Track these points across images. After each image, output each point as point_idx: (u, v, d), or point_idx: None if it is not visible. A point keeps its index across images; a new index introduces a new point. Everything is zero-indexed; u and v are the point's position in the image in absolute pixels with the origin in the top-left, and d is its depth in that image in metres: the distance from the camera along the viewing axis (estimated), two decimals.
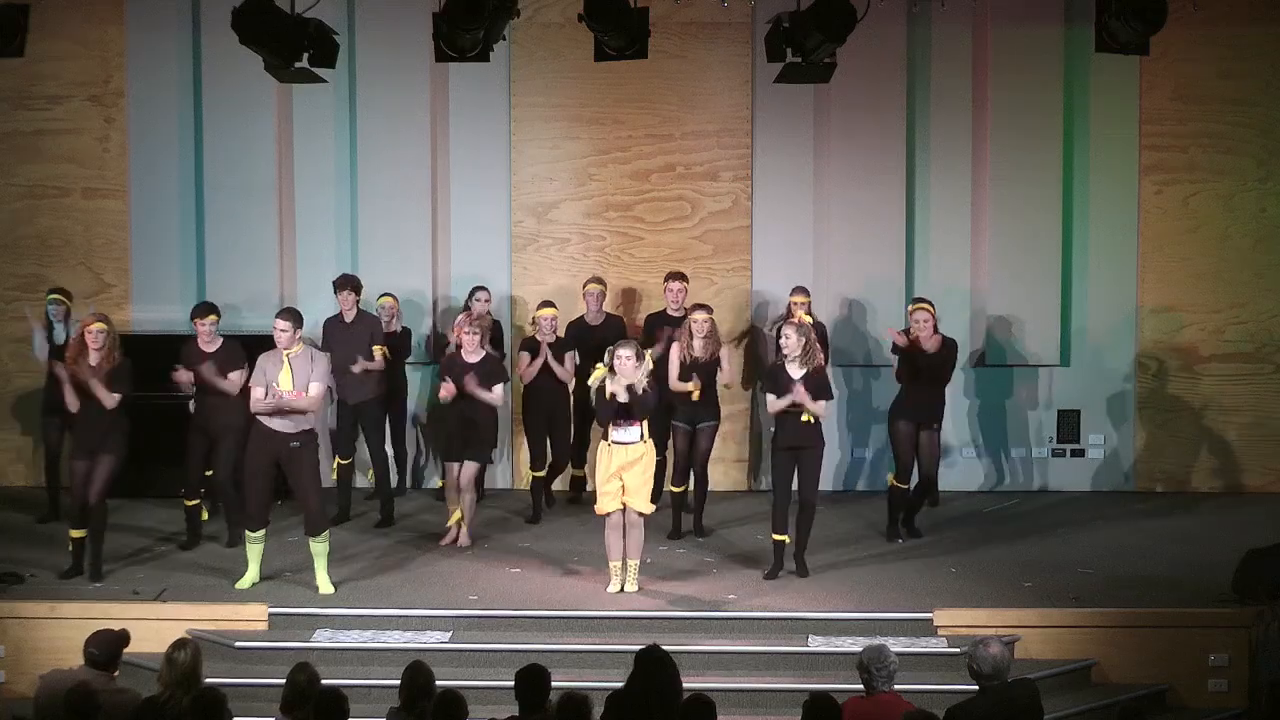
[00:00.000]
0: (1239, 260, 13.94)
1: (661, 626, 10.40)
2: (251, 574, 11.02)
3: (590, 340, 12.92)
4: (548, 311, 12.78)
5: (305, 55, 10.91)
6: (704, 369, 12.12)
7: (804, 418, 11.05)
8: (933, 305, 12.32)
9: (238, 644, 10.30)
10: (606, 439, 10.85)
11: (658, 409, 11.26)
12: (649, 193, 14.00)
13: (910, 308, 12.60)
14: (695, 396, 12.00)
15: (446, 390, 11.79)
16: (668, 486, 12.44)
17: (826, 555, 11.79)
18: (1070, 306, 13.96)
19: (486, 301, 13.04)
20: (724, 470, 13.81)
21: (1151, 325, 13.98)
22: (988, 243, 13.90)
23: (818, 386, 11.09)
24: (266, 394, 10.85)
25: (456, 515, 12.04)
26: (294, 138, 13.94)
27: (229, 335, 12.17)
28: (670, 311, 12.90)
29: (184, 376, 11.84)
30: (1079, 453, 14.03)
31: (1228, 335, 13.99)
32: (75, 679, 7.80)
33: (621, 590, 10.90)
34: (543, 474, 12.97)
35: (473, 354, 11.93)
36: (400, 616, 10.59)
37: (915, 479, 12.32)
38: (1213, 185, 13.90)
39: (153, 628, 9.60)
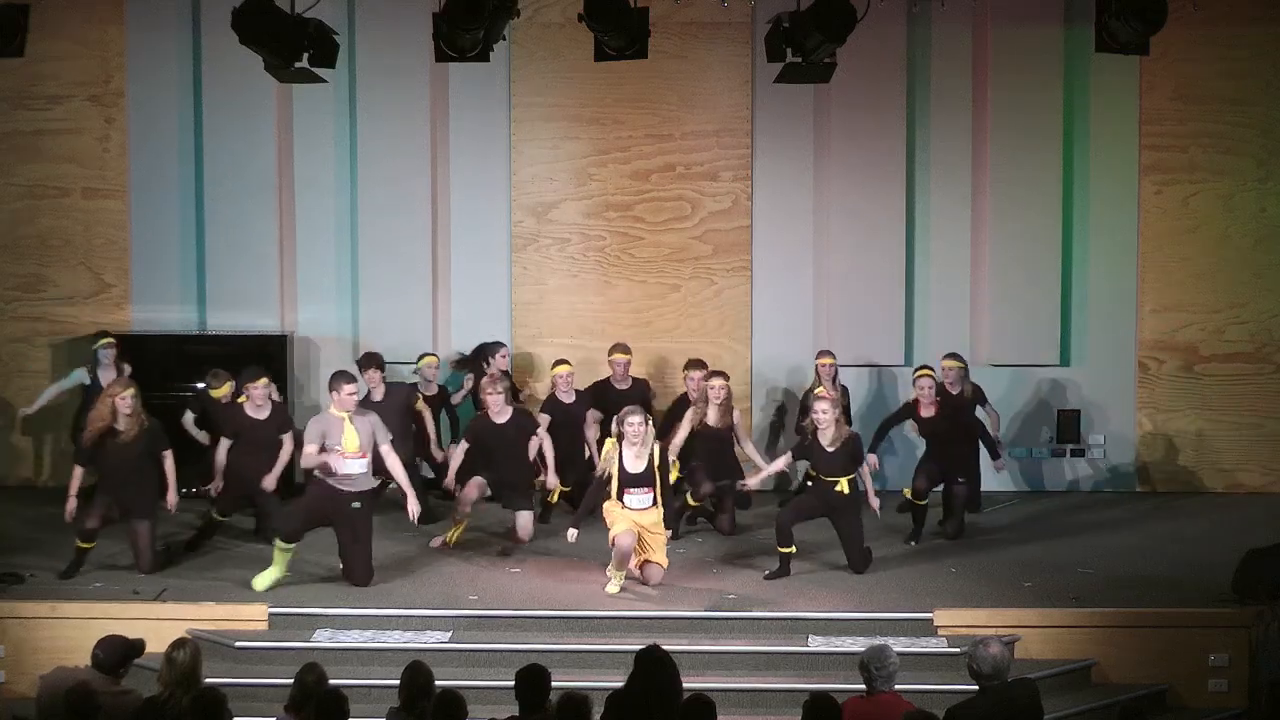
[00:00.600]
0: (1239, 260, 13.94)
1: (661, 626, 10.40)
2: (273, 574, 10.96)
3: (619, 405, 12.65)
4: (563, 369, 12.70)
5: (305, 55, 10.92)
6: (716, 437, 12.14)
7: (838, 488, 11.16)
8: (934, 371, 12.38)
9: (238, 644, 10.30)
10: (619, 503, 10.90)
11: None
12: (649, 193, 14.00)
13: (914, 376, 12.60)
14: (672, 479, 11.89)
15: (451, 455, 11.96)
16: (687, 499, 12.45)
17: (827, 555, 11.79)
18: (1070, 306, 13.96)
19: (504, 357, 13.09)
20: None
21: (1151, 325, 13.99)
22: (988, 243, 13.90)
23: (853, 454, 11.24)
24: (322, 452, 10.78)
25: (460, 530, 12.02)
26: (294, 138, 13.94)
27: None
28: (691, 397, 12.73)
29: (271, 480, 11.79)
30: (1079, 453, 14.03)
31: (1228, 335, 13.99)
32: (77, 678, 7.80)
33: (622, 591, 10.91)
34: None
35: (500, 414, 11.86)
36: (400, 616, 10.58)
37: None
38: (1213, 185, 13.90)
39: (153, 628, 9.58)
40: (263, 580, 10.92)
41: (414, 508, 11.11)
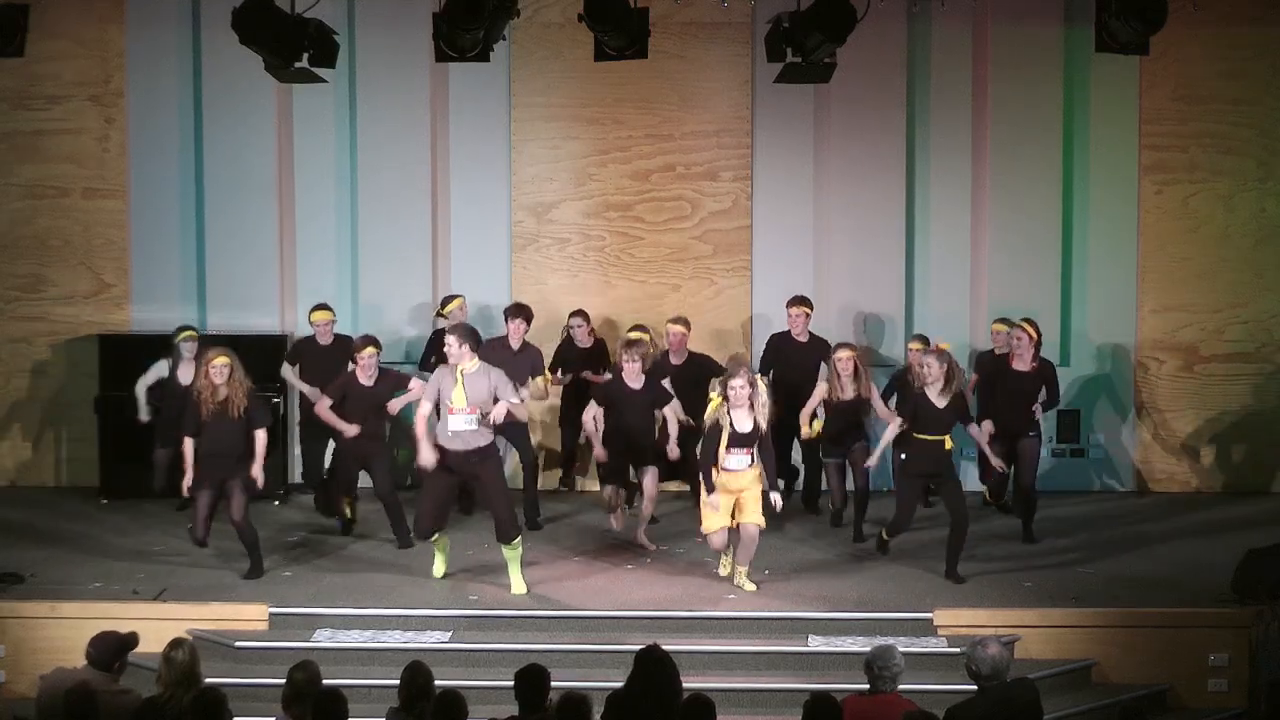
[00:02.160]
0: (1239, 260, 13.94)
1: (661, 626, 10.40)
2: (440, 565, 11.18)
3: (673, 378, 12.59)
4: (642, 335, 12.40)
5: (305, 55, 10.92)
6: (851, 409, 12.08)
7: (947, 444, 11.13)
8: (1035, 326, 12.31)
9: (238, 644, 10.30)
10: (717, 465, 10.83)
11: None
12: (649, 193, 14.00)
13: (1000, 327, 12.71)
14: (814, 434, 12.10)
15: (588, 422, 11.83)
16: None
17: (827, 555, 11.80)
18: (1070, 306, 13.96)
19: (581, 326, 13.04)
20: None
21: (1151, 325, 13.99)
22: (988, 242, 13.90)
23: (959, 412, 11.19)
24: (438, 411, 10.78)
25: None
26: (294, 137, 13.95)
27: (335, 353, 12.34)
28: (795, 335, 12.85)
29: (348, 429, 11.83)
30: (1079, 453, 14.03)
31: (1228, 335, 13.99)
32: (77, 678, 7.80)
33: (735, 584, 11.01)
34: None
35: (635, 380, 11.77)
36: (400, 616, 10.58)
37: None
38: (1213, 185, 13.90)
39: (153, 628, 9.57)
40: (438, 569, 11.12)
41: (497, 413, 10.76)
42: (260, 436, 11.11)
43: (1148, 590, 10.94)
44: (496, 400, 10.74)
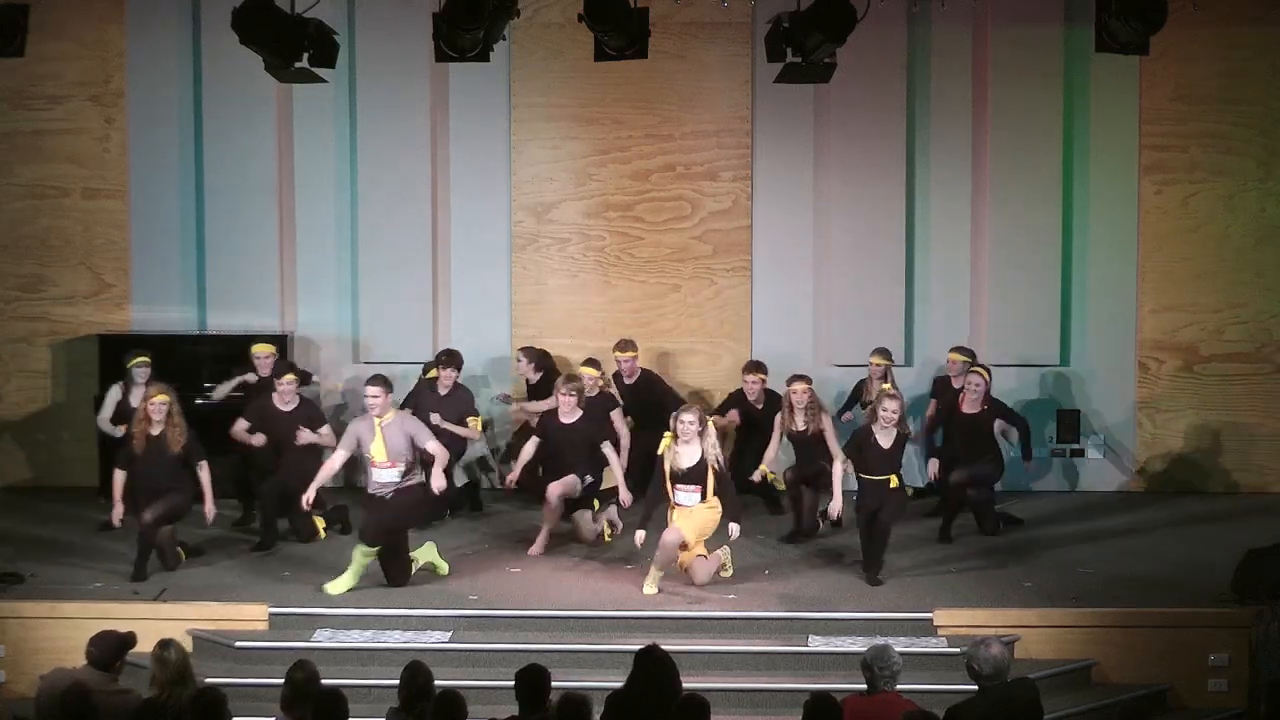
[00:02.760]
0: (1239, 260, 13.94)
1: (661, 626, 10.40)
2: (349, 580, 10.95)
3: (629, 398, 12.90)
4: (590, 372, 12.57)
5: (305, 55, 10.90)
6: (808, 441, 12.03)
7: (892, 484, 11.14)
8: (987, 370, 12.41)
9: (238, 644, 10.30)
10: (670, 502, 10.90)
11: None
12: (649, 193, 14.00)
13: (957, 357, 12.68)
14: (768, 476, 12.07)
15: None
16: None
17: (828, 555, 11.80)
18: (1070, 306, 13.96)
19: (529, 363, 13.12)
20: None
21: (1151, 325, 13.98)
22: (988, 242, 13.90)
23: (903, 451, 11.33)
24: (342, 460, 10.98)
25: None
26: (294, 138, 13.94)
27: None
28: (751, 400, 12.83)
29: (255, 440, 11.97)
30: (1079, 453, 14.03)
31: (1228, 335, 13.99)
32: (76, 678, 7.79)
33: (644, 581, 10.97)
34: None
35: (570, 415, 11.83)
36: (400, 616, 10.58)
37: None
38: (1213, 185, 13.90)
39: (153, 628, 9.57)
40: (338, 585, 10.89)
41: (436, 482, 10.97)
42: (205, 473, 11.21)
43: (1148, 590, 10.94)
44: (416, 447, 10.89)
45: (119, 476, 11.23)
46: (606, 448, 11.83)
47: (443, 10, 10.36)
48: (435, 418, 12.13)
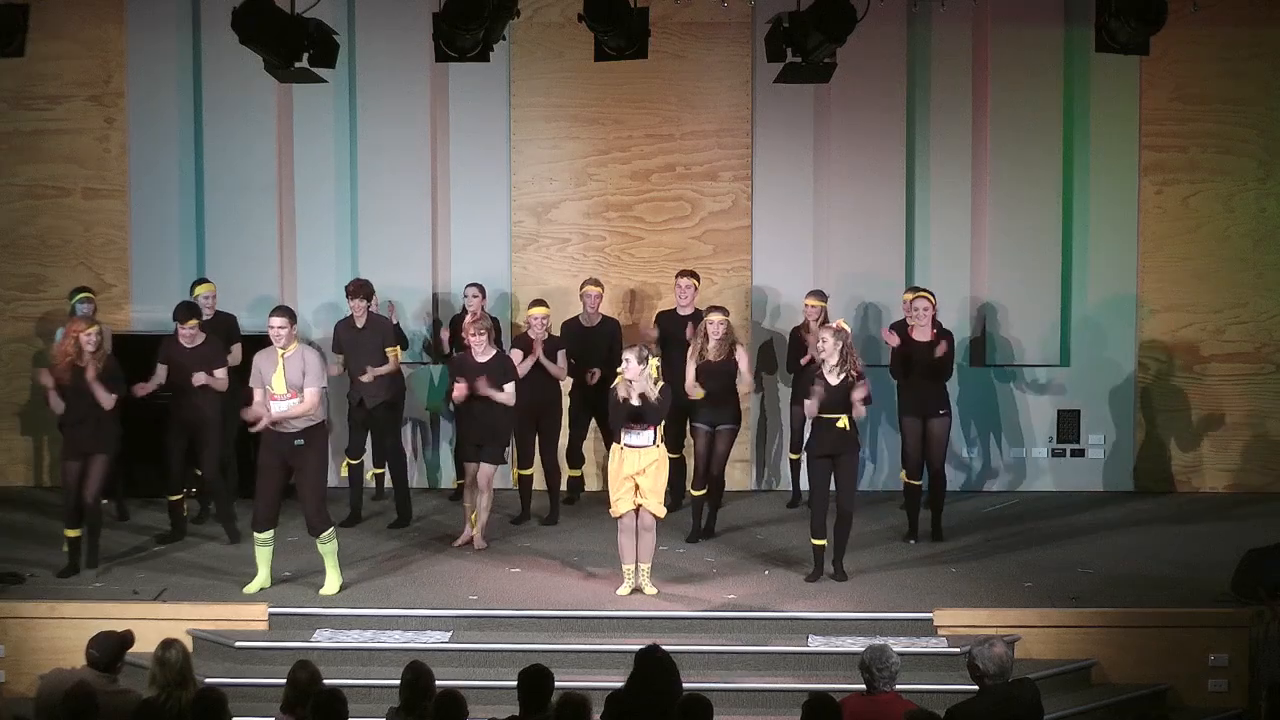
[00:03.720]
0: (1239, 260, 13.94)
1: (661, 626, 10.40)
2: (261, 578, 10.96)
3: (586, 341, 12.94)
4: (538, 310, 12.65)
5: (305, 55, 10.90)
6: (719, 371, 12.05)
7: (839, 424, 11.01)
8: (933, 295, 12.30)
9: (238, 644, 10.31)
10: (619, 443, 10.83)
11: (674, 412, 11.30)
12: (649, 193, 14.00)
13: (909, 296, 12.54)
14: (698, 396, 11.96)
15: (459, 391, 11.80)
16: (689, 489, 12.47)
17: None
18: (1070, 306, 13.96)
19: (475, 297, 12.91)
20: (727, 471, 13.78)
21: (1151, 325, 13.98)
22: (988, 242, 13.90)
23: (854, 391, 11.03)
24: (264, 395, 10.81)
25: (475, 518, 12.02)
26: (294, 137, 13.94)
27: (209, 329, 12.18)
28: (680, 310, 12.90)
29: (157, 379, 11.94)
30: (1079, 453, 14.03)
31: (1228, 335, 13.99)
32: (76, 679, 7.79)
33: (633, 593, 10.88)
34: (529, 472, 12.81)
35: (483, 354, 11.87)
36: (400, 616, 10.59)
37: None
38: (1213, 185, 13.90)
39: (153, 628, 9.58)
40: (253, 586, 10.91)
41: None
42: (106, 396, 11.11)
43: (1148, 590, 10.94)
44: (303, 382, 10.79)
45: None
46: (509, 387, 11.81)
47: (443, 10, 10.36)
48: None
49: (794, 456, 13.23)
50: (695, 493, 12.30)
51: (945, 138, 13.82)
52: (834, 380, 11.01)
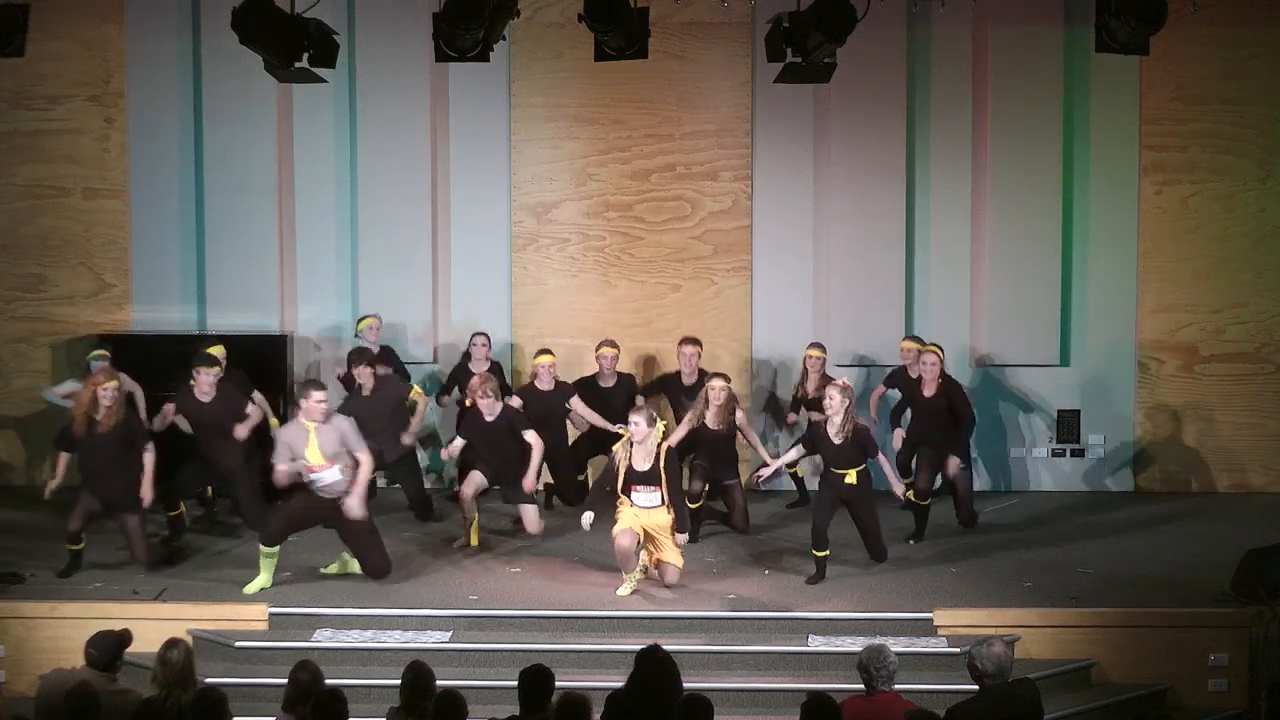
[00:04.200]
0: (1239, 260, 13.94)
1: (661, 626, 10.40)
2: (262, 580, 10.96)
3: (605, 402, 12.82)
4: (545, 359, 12.59)
5: (305, 55, 10.90)
6: (719, 438, 12.07)
7: (848, 480, 11.08)
8: (941, 349, 12.36)
9: (238, 644, 10.30)
10: (627, 499, 10.87)
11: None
12: (649, 193, 14.00)
13: (910, 345, 12.59)
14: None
15: (450, 451, 11.92)
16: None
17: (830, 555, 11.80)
18: (1070, 306, 13.96)
19: (483, 346, 12.99)
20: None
21: (1151, 325, 13.99)
22: (987, 243, 13.90)
23: (862, 446, 11.12)
24: (298, 468, 10.79)
25: (475, 528, 12.04)
26: (294, 138, 13.95)
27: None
28: (685, 379, 12.84)
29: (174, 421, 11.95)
30: (1079, 453, 14.03)
31: (1228, 335, 13.99)
32: (76, 679, 7.79)
33: (633, 593, 10.90)
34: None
35: (490, 413, 11.84)
36: (400, 616, 10.59)
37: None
38: (1213, 185, 13.90)
39: (153, 628, 9.59)
40: (251, 586, 10.90)
41: (353, 506, 10.88)
42: (150, 456, 11.15)
43: (1148, 590, 10.94)
44: (347, 450, 10.88)
45: (62, 458, 11.30)
46: (530, 435, 11.82)
47: (443, 10, 10.36)
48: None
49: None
50: (693, 505, 12.22)
51: (945, 137, 13.82)
52: (838, 439, 11.08)
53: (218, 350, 12.44)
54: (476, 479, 11.91)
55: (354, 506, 10.81)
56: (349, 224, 14.02)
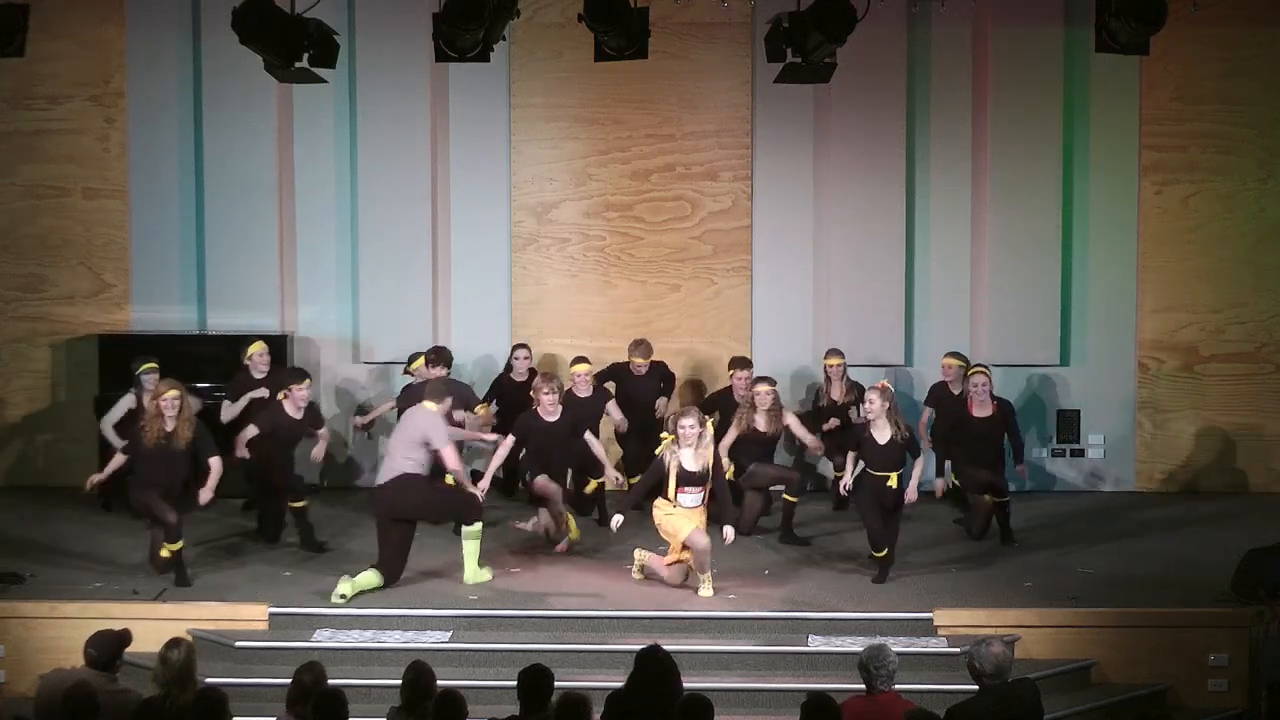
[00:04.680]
0: (1239, 260, 13.94)
1: (661, 626, 10.40)
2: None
3: (638, 389, 13.03)
4: (582, 368, 12.61)
5: (305, 55, 10.90)
6: (767, 441, 12.19)
7: (890, 483, 11.05)
8: (988, 368, 12.40)
9: (238, 644, 10.30)
10: (670, 500, 10.88)
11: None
12: (649, 193, 14.00)
13: (952, 362, 12.73)
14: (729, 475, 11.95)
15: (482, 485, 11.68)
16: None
17: (828, 555, 11.80)
18: (1070, 306, 13.96)
19: (526, 359, 13.07)
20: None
21: (1151, 325, 13.98)
22: (988, 242, 13.90)
23: (908, 447, 11.16)
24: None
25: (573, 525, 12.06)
26: (294, 137, 13.95)
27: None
28: (737, 397, 12.81)
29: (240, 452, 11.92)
30: (1079, 453, 14.03)
31: (1228, 335, 13.99)
32: (75, 679, 7.79)
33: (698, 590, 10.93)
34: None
35: (551, 413, 11.84)
36: (400, 616, 10.58)
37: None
38: (1213, 185, 13.90)
39: (153, 628, 9.59)
40: (347, 586, 10.82)
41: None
42: (216, 465, 11.18)
43: (1148, 590, 10.94)
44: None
45: (118, 459, 11.27)
46: (588, 437, 11.92)
47: (443, 10, 10.36)
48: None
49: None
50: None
51: (945, 137, 13.82)
52: (882, 439, 11.07)
53: (259, 347, 12.62)
54: (549, 483, 11.82)
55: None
56: (349, 224, 14.02)
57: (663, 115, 13.93)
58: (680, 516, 10.87)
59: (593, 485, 12.49)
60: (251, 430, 11.91)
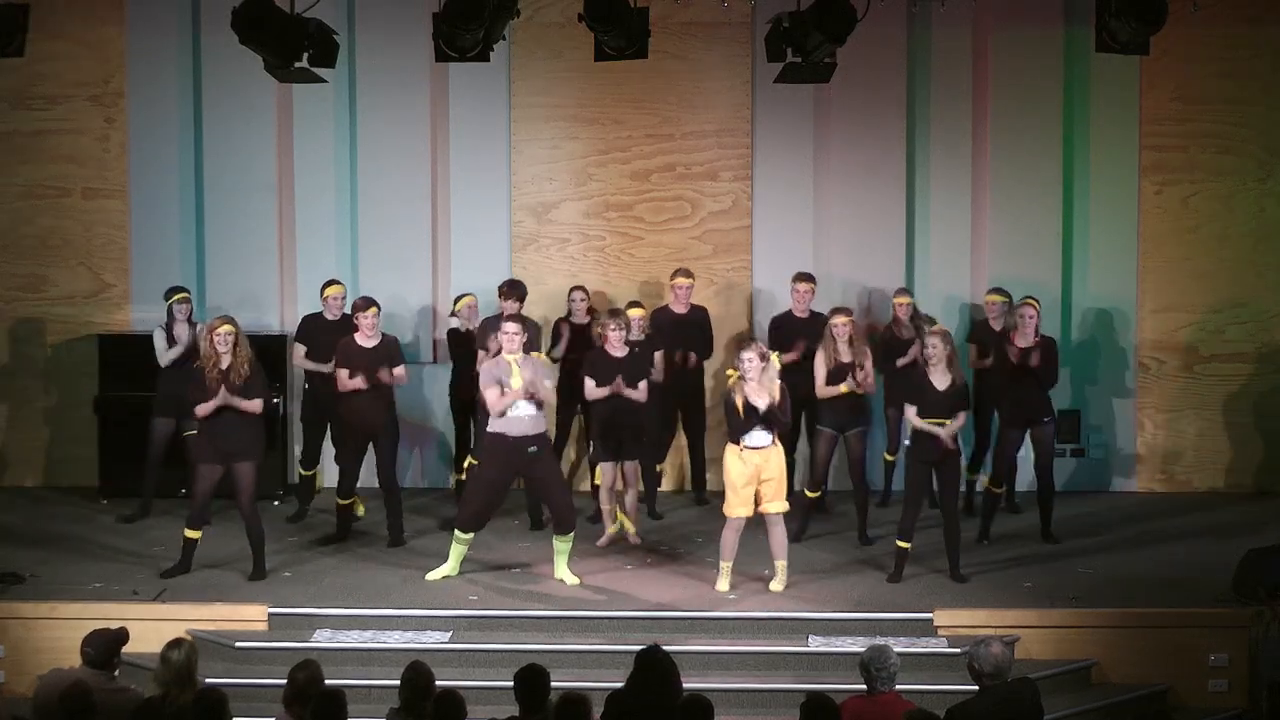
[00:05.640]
0: (1239, 260, 13.93)
1: (661, 626, 10.40)
2: (448, 568, 11.11)
3: (679, 330, 12.93)
4: (636, 312, 12.46)
5: (305, 55, 10.89)
6: (849, 371, 11.96)
7: (942, 430, 10.98)
8: (1037, 301, 12.29)
9: (238, 644, 10.30)
10: (737, 444, 10.75)
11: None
12: (649, 193, 14.00)
13: (995, 298, 12.74)
14: (847, 390, 11.78)
15: (593, 391, 11.68)
16: (804, 491, 12.36)
17: (828, 555, 11.80)
18: (1070, 306, 13.96)
19: (583, 300, 13.02)
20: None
21: (1151, 325, 13.98)
22: (988, 242, 13.90)
23: (961, 398, 11.06)
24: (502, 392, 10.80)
25: (622, 521, 12.00)
26: (294, 138, 13.95)
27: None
28: (796, 313, 12.84)
29: (354, 383, 11.70)
30: (1079, 453, 14.03)
31: (1228, 335, 13.99)
32: (74, 679, 7.79)
33: (732, 589, 10.90)
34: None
35: (619, 349, 11.79)
36: (400, 616, 10.59)
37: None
38: (1213, 185, 13.90)
39: (153, 628, 9.60)
40: (435, 574, 10.97)
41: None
42: (255, 405, 10.98)
43: (1148, 590, 10.94)
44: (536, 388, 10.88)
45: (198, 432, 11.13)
46: (643, 384, 11.81)
47: (443, 10, 10.36)
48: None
49: (889, 458, 13.14)
50: (811, 494, 12.20)
51: (945, 137, 13.82)
52: (941, 385, 10.98)
53: (339, 289, 12.53)
54: (630, 467, 11.82)
55: (545, 389, 10.87)
56: (349, 224, 14.02)
57: (663, 115, 13.93)
58: (739, 471, 10.66)
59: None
60: (343, 373, 11.66)
